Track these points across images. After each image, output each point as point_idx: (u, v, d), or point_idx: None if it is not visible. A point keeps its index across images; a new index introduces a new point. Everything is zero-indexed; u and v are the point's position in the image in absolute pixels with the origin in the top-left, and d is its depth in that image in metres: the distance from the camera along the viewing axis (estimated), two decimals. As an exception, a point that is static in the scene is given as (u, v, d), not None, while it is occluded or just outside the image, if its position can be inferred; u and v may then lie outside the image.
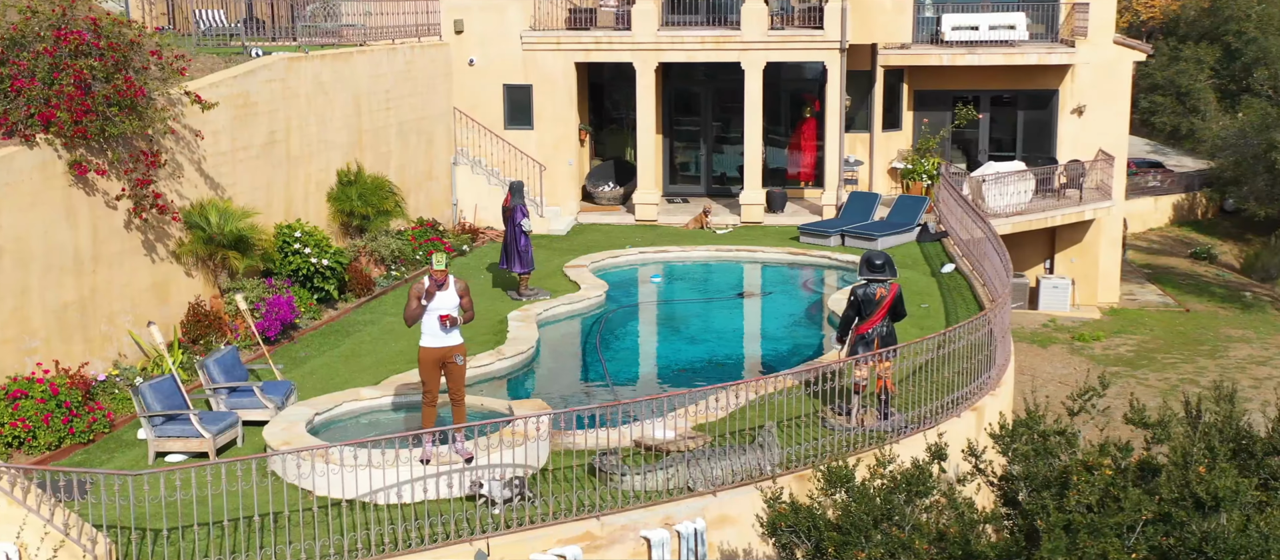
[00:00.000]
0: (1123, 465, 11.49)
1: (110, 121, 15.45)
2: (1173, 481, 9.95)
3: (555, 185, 27.61)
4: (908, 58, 32.05)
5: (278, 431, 14.00)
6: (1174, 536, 9.45)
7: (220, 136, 18.33)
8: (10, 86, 15.04)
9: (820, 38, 26.77)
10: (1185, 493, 9.67)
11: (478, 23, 27.10)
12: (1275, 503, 11.21)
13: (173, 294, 17.36)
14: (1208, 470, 10.76)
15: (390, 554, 11.74)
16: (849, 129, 32.14)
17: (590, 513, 12.66)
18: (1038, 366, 28.21)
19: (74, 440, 14.26)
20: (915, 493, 10.82)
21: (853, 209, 26.52)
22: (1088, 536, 8.89)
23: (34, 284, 14.93)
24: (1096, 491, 9.49)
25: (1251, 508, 10.31)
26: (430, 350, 13.12)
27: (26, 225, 14.77)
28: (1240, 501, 9.59)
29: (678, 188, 30.64)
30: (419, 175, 24.82)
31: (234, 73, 18.75)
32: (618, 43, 27.19)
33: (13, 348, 14.63)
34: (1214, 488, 9.52)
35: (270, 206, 19.68)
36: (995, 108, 33.69)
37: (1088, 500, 9.50)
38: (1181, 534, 9.58)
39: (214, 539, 11.83)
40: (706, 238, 26.09)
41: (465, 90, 27.23)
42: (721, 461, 13.78)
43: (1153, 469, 11.05)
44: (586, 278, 22.34)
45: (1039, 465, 11.80)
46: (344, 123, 21.86)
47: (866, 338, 15.16)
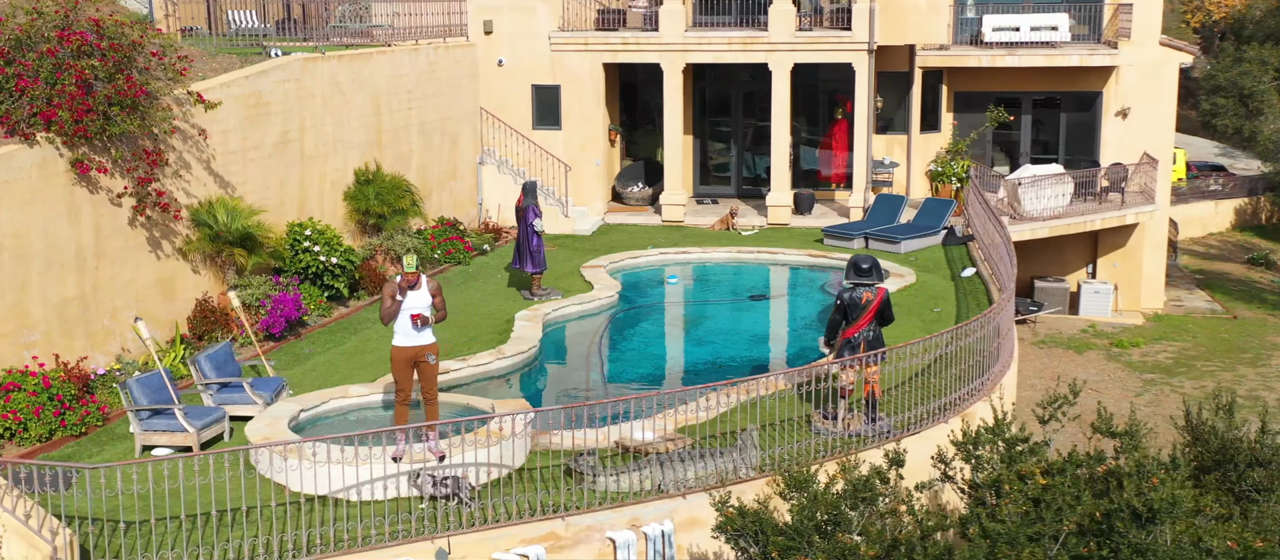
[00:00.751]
0: (1086, 474, 11.35)
1: (112, 121, 15.78)
2: (1114, 492, 9.81)
3: (582, 185, 27.72)
4: (946, 59, 31.76)
5: (260, 427, 14.23)
6: (1107, 547, 9.32)
7: (230, 135, 18.64)
8: (15, 86, 15.42)
9: (847, 39, 26.60)
10: (1122, 503, 9.53)
11: (507, 24, 27.27)
12: (1248, 515, 11.02)
13: (179, 290, 17.69)
14: (1160, 481, 10.63)
15: (350, 550, 11.88)
16: (886, 131, 31.94)
17: (555, 513, 12.72)
18: (1070, 372, 27.80)
19: (66, 433, 14.58)
20: (861, 499, 10.75)
21: (879, 211, 26.34)
22: (1006, 546, 8.79)
23: (33, 279, 15.29)
24: (1026, 501, 9.38)
25: (1195, 519, 10.14)
26: (402, 349, 13.26)
27: (26, 222, 15.14)
28: (1179, 513, 9.42)
29: (709, 189, 30.62)
30: (442, 174, 25.04)
31: (245, 73, 19.06)
32: (645, 43, 27.22)
33: (11, 341, 15.00)
34: (1150, 499, 9.37)
35: (283, 205, 19.98)
36: (1038, 110, 33.27)
37: (1020, 509, 9.39)
38: (1115, 544, 9.45)
39: (186, 532, 12.04)
40: (730, 239, 26.04)
41: (494, 90, 27.41)
42: (696, 464, 13.78)
43: (1119, 479, 10.90)
44: (601, 278, 22.40)
45: (1003, 472, 11.71)
46: (362, 122, 22.12)
47: (852, 342, 15.07)
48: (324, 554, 11.79)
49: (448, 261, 23.31)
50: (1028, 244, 31.19)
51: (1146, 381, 27.56)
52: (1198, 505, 10.70)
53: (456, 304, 21.03)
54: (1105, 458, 11.65)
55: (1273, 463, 12.97)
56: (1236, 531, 9.46)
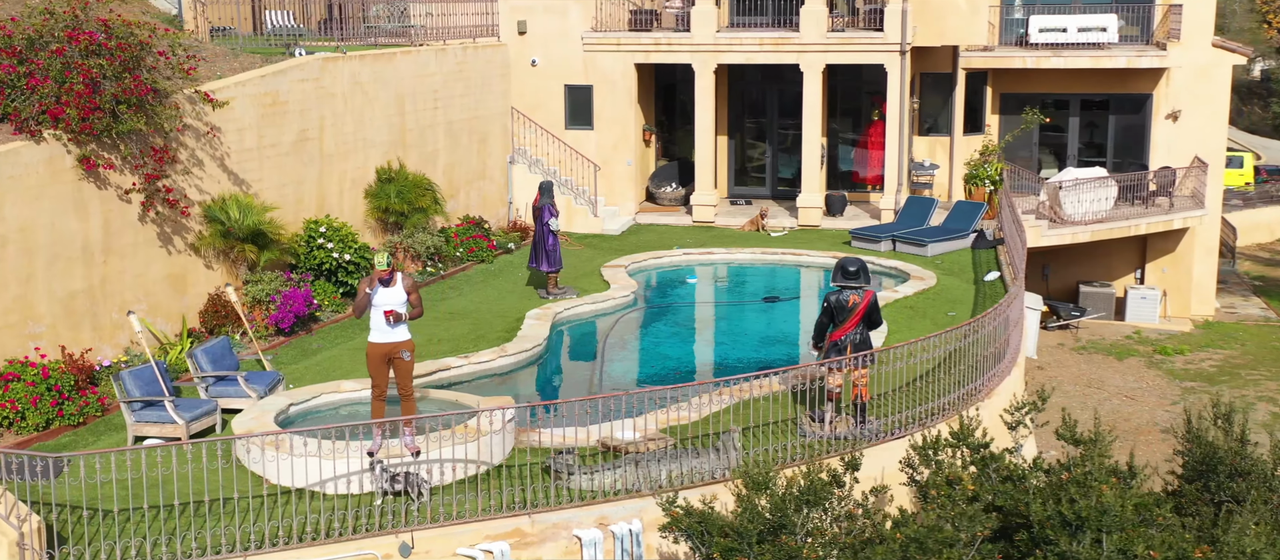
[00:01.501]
0: (1045, 482, 11.22)
1: (119, 119, 16.18)
2: (1046, 500, 9.69)
3: (614, 185, 27.83)
4: (990, 60, 31.42)
5: (247, 420, 14.50)
6: (1034, 555, 9.22)
7: (245, 133, 19.00)
8: (27, 85, 15.87)
9: (879, 40, 26.41)
10: (1052, 511, 9.42)
11: (540, 24, 27.46)
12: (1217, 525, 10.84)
13: (191, 285, 18.07)
14: (1109, 489, 10.49)
15: (312, 543, 12.08)
16: (929, 133, 31.68)
17: (521, 510, 12.82)
18: (1107, 379, 27.37)
19: (64, 423, 14.98)
20: (806, 501, 10.72)
21: (909, 214, 26.12)
22: (918, 552, 8.73)
23: (39, 272, 15.73)
24: (954, 507, 9.30)
25: (1147, 529, 9.99)
26: (377, 346, 13.44)
27: (32, 216, 15.57)
28: (1109, 522, 9.29)
29: (744, 189, 30.58)
30: (470, 173, 25.28)
31: (261, 72, 19.41)
32: (677, 44, 27.26)
33: (16, 333, 15.44)
34: (1078, 507, 9.25)
35: (300, 202, 20.32)
36: (1087, 112, 32.77)
37: (949, 515, 9.32)
38: (1045, 552, 9.34)
39: (163, 521, 12.31)
40: (758, 240, 25.99)
41: (528, 90, 27.62)
42: (671, 464, 13.81)
43: (1061, 487, 10.77)
44: (620, 278, 22.49)
45: (932, 477, 11.61)
46: (385, 121, 22.42)
47: (839, 344, 14.99)
48: (287, 546, 11.99)
49: (470, 259, 23.54)
50: (1072, 248, 30.76)
51: (1185, 389, 27.00)
52: (1150, 515, 10.54)
53: (471, 302, 21.27)
54: (1067, 467, 11.53)
55: (1252, 473, 12.69)
56: (1168, 540, 9.30)
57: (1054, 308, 30.69)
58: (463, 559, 12.54)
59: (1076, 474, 10.44)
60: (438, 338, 19.03)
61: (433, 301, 21.18)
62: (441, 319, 20.11)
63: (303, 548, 12.04)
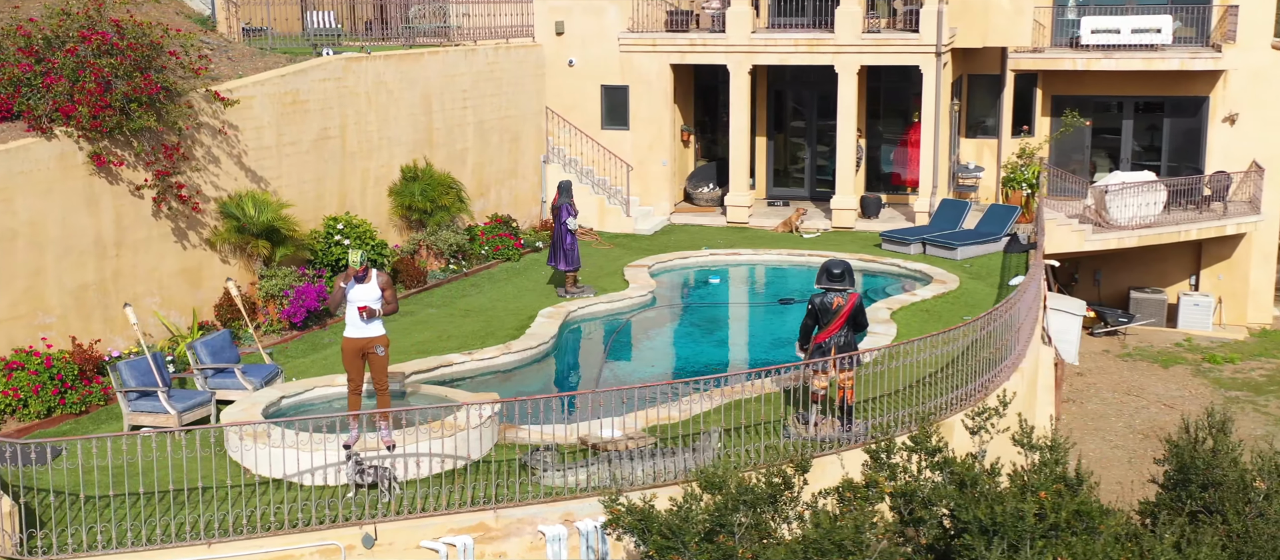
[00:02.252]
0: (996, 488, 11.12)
1: (130, 117, 16.65)
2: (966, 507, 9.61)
3: (648, 185, 27.93)
4: (1039, 62, 31.02)
5: (237, 412, 14.85)
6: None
7: (264, 131, 19.43)
8: (43, 83, 16.40)
9: (915, 41, 26.19)
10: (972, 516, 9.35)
11: (578, 24, 27.65)
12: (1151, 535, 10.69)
13: (206, 279, 18.52)
14: (1046, 495, 10.40)
15: (277, 532, 12.35)
16: (975, 135, 31.37)
17: (486, 505, 12.99)
18: (1148, 386, 26.89)
19: (65, 411, 15.47)
20: (744, 502, 10.74)
21: (942, 217, 25.88)
22: (817, 554, 8.72)
23: (49, 265, 16.25)
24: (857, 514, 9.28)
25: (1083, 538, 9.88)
26: (352, 341, 13.69)
27: (42, 210, 16.10)
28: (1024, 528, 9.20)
29: (783, 190, 30.49)
30: (501, 172, 25.55)
31: (281, 72, 19.83)
32: (712, 45, 27.29)
33: (25, 323, 15.98)
34: (994, 513, 9.18)
35: (321, 199, 20.72)
36: (1142, 115, 32.18)
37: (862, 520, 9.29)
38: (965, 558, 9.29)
39: (143, 506, 12.68)
40: (789, 242, 25.92)
41: (565, 90, 27.83)
42: (646, 463, 13.89)
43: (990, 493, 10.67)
44: (640, 278, 22.58)
45: (920, 484, 11.56)
46: (411, 120, 22.76)
47: (824, 347, 14.96)
48: (251, 536, 12.28)
49: (496, 257, 23.81)
50: (1123, 253, 30.24)
51: (1229, 398, 26.40)
52: (1092, 523, 10.41)
53: (489, 299, 21.50)
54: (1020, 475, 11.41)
55: (1223, 484, 12.44)
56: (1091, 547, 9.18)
57: (1102, 313, 30.18)
58: (426, 552, 12.74)
59: (1016, 482, 10.33)
60: (448, 334, 19.30)
61: (450, 298, 21.47)
62: (455, 316, 20.38)
63: (267, 537, 12.32)
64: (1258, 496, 12.90)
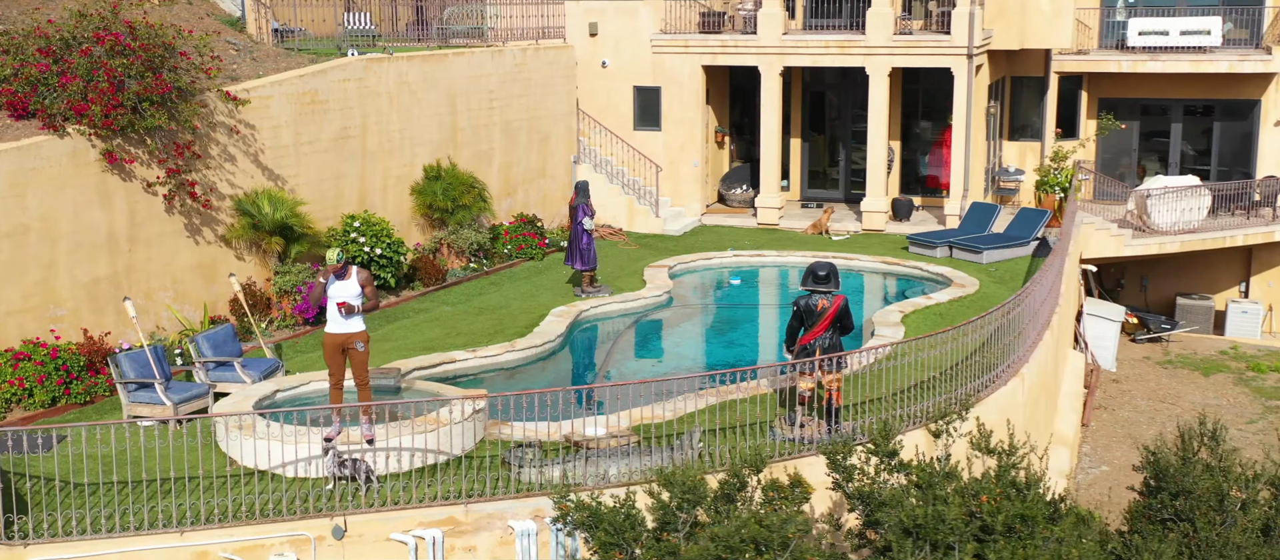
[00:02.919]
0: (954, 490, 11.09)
1: (141, 115, 17.10)
2: (893, 512, 9.61)
3: (679, 186, 28.01)
4: (1084, 64, 30.66)
5: (231, 404, 15.20)
6: None
7: (281, 130, 19.83)
8: (59, 82, 16.91)
9: (946, 43, 25.97)
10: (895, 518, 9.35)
11: (611, 26, 27.80)
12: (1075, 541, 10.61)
13: (221, 274, 18.94)
14: (988, 499, 10.37)
15: (248, 522, 12.64)
16: (1019, 137, 31.06)
17: (457, 499, 13.17)
18: (1185, 394, 26.40)
19: (70, 401, 15.93)
20: (687, 501, 10.81)
21: (971, 220, 25.64)
22: (723, 550, 8.77)
23: (61, 259, 16.74)
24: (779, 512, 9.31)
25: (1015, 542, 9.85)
26: (332, 336, 13.95)
27: (55, 206, 16.59)
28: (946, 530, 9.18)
29: (817, 192, 30.39)
30: (530, 172, 25.78)
31: (300, 72, 20.21)
32: (743, 46, 27.29)
33: (36, 316, 16.48)
34: (914, 514, 9.17)
35: (341, 197, 21.08)
36: (1192, 119, 31.62)
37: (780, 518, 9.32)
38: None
39: (130, 494, 13.05)
40: (817, 243, 25.84)
41: (598, 91, 28.00)
42: (622, 461, 13.99)
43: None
44: (659, 278, 22.67)
45: (877, 486, 11.56)
46: (435, 120, 23.06)
47: (809, 348, 14.96)
48: (221, 524, 12.58)
49: (519, 256, 24.05)
50: (1172, 259, 29.76)
51: (1268, 408, 25.85)
52: (1035, 529, 10.35)
53: (505, 298, 21.72)
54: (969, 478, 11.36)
55: (1193, 491, 12.28)
56: (1025, 550, 9.13)
57: (1145, 320, 29.69)
58: (395, 544, 12.95)
59: (957, 485, 10.30)
60: (458, 331, 19.54)
61: (468, 296, 21.73)
62: (469, 313, 20.62)
63: (238, 525, 12.61)
64: (1232, 505, 12.73)
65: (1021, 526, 10.52)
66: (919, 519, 9.02)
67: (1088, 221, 27.66)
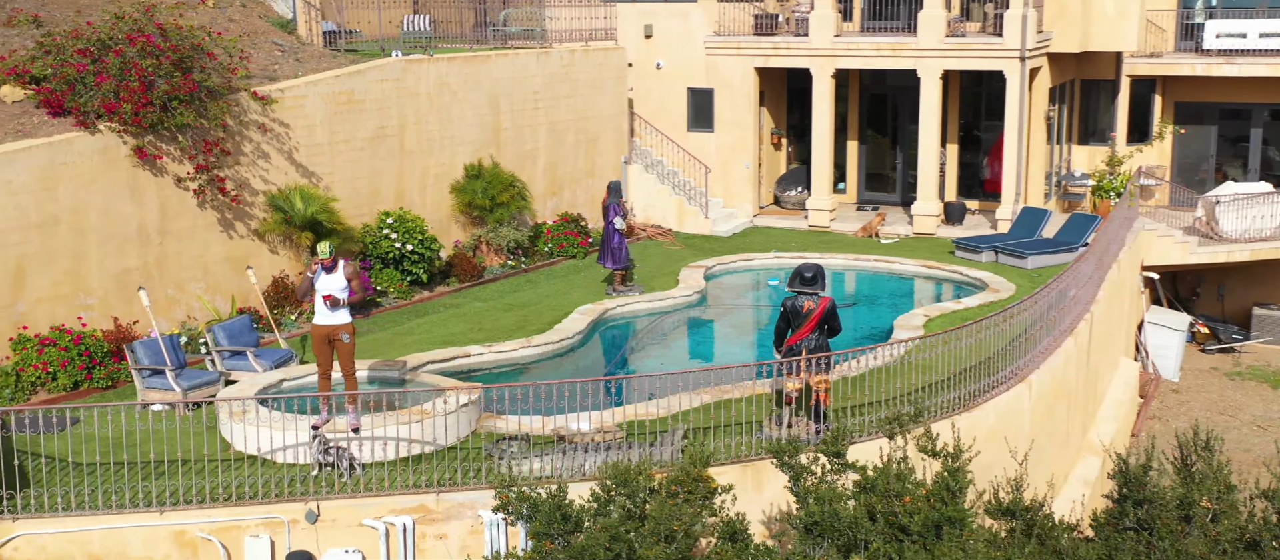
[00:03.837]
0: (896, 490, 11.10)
1: (170, 113, 17.82)
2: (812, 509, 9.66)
3: (731, 188, 28.09)
4: (1157, 67, 29.97)
5: (237, 391, 15.77)
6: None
7: (315, 129, 20.43)
8: (95, 82, 17.70)
9: (998, 45, 25.64)
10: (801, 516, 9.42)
11: (664, 28, 28.01)
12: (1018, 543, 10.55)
13: (258, 265, 19.58)
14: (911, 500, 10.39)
15: (226, 503, 13.13)
16: (1088, 141, 30.50)
17: (428, 488, 13.51)
18: (1246, 407, 25.73)
19: (92, 385, 16.67)
20: (621, 492, 10.98)
21: (1021, 224, 25.28)
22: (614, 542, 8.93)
23: (92, 250, 17.51)
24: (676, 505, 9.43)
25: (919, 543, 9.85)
26: (319, 328, 14.40)
27: (85, 199, 17.36)
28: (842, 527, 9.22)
29: (874, 195, 30.19)
30: (577, 172, 26.10)
31: (336, 73, 20.80)
32: (795, 48, 27.27)
33: (66, 303, 17.26)
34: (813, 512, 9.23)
35: (377, 194, 21.63)
36: (1277, 123, 30.67)
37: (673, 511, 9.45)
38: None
39: (127, 474, 13.67)
40: (864, 246, 25.72)
41: (652, 93, 28.24)
42: (598, 456, 14.19)
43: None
44: (693, 278, 22.80)
45: (824, 493, 11.61)
46: (476, 120, 23.51)
47: (795, 349, 15.00)
48: (200, 505, 13.10)
49: (559, 255, 24.38)
50: (1250, 268, 28.93)
51: (1317, 417, 25.06)
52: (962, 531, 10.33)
53: (537, 295, 22.04)
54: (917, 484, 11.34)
55: (1155, 501, 12.07)
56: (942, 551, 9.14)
57: (1215, 329, 28.91)
58: (367, 529, 13.34)
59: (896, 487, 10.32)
60: (482, 327, 19.93)
61: (501, 293, 22.12)
62: (497, 310, 21.00)
63: (215, 507, 13.11)
64: (1202, 515, 12.48)
65: (949, 529, 10.49)
66: (815, 516, 9.06)
67: (1150, 228, 27.06)
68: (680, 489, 9.76)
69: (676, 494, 9.68)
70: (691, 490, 9.74)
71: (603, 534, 9.09)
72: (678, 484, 9.82)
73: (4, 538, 12.71)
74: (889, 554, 9.17)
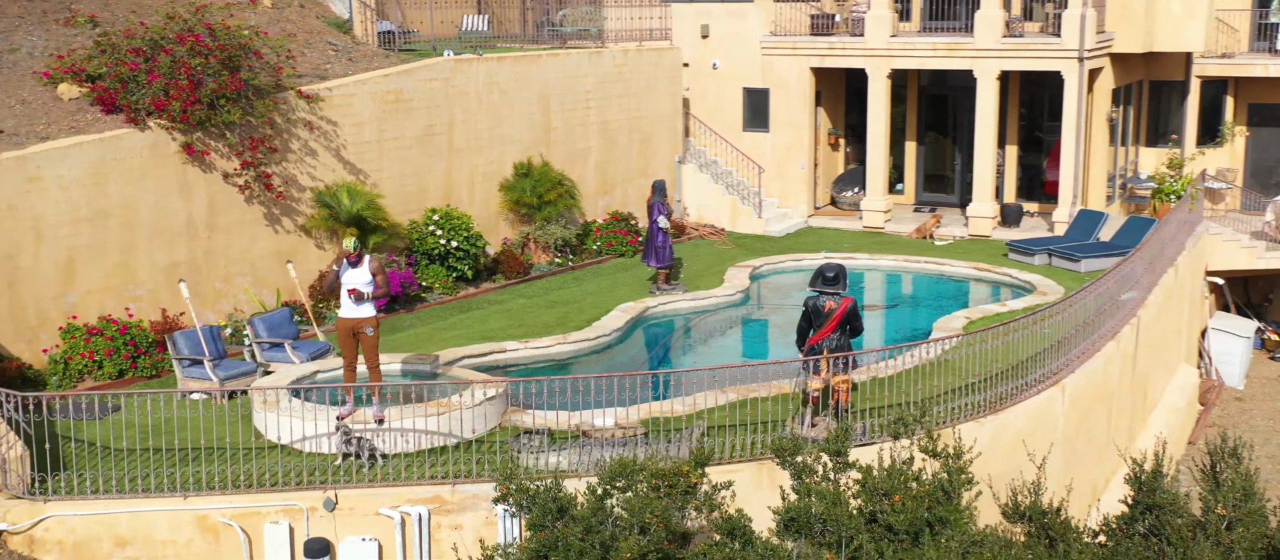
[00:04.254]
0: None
1: (217, 110, 18.30)
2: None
3: (786, 188, 28.06)
4: (1228, 68, 29.35)
5: (271, 382, 16.15)
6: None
7: (364, 127, 20.83)
8: (146, 80, 18.24)
9: (1056, 46, 25.31)
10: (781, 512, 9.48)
11: (721, 28, 28.06)
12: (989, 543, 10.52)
13: (300, 262, 20.02)
14: (901, 499, 10.42)
15: (246, 490, 13.49)
16: (1157, 144, 29.98)
17: (444, 479, 13.76)
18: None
19: (137, 374, 17.19)
20: (615, 487, 11.11)
21: (1077, 227, 24.93)
22: (585, 533, 9.07)
23: (141, 243, 18.05)
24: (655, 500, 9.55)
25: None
26: (344, 321, 14.71)
27: (135, 194, 17.90)
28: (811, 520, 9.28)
29: (932, 196, 29.93)
30: (629, 172, 26.25)
31: (384, 72, 21.18)
32: (851, 48, 27.16)
33: (116, 295, 17.82)
34: (792, 508, 9.29)
35: (425, 192, 21.99)
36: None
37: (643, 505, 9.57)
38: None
39: (153, 459, 14.11)
40: (917, 248, 25.55)
41: (708, 93, 28.31)
42: (613, 451, 14.33)
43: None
44: (738, 278, 22.84)
45: (810, 489, 11.66)
46: (526, 119, 23.78)
47: (816, 349, 15.02)
48: (223, 491, 13.47)
49: (609, 253, 24.56)
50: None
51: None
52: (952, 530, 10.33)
53: (581, 293, 22.23)
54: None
55: (1164, 507, 11.96)
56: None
57: (1288, 338, 28.29)
58: (384, 518, 13.61)
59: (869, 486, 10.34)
60: (522, 323, 20.17)
61: (546, 290, 22.35)
62: (540, 307, 21.23)
63: (237, 494, 13.48)
64: (1217, 522, 12.31)
65: (942, 527, 10.48)
66: (792, 512, 9.12)
67: (1215, 232, 26.52)
68: (661, 483, 9.86)
69: (658, 488, 9.79)
70: (672, 485, 9.84)
71: (577, 525, 9.23)
72: (659, 478, 9.93)
73: (36, 518, 13.17)
74: (872, 552, 9.18)
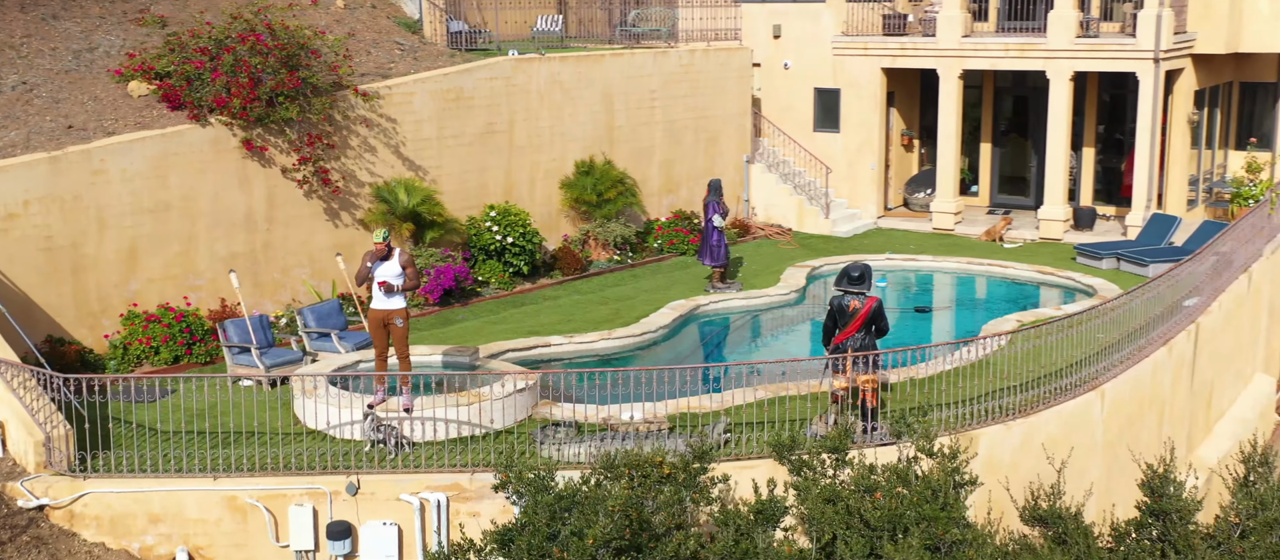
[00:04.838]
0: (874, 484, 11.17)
1: (275, 107, 18.91)
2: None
3: (856, 188, 27.95)
4: (1322, 69, 28.49)
5: (306, 370, 16.66)
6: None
7: (423, 124, 21.31)
8: (210, 78, 18.93)
9: (1131, 47, 24.84)
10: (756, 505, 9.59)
11: (793, 28, 28.06)
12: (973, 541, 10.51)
13: (357, 255, 20.56)
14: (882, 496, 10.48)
15: (273, 473, 13.97)
16: (1245, 146, 29.24)
17: (463, 468, 14.08)
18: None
19: (191, 360, 17.84)
20: (615, 478, 11.31)
21: (1149, 231, 24.43)
22: (525, 540, 9.28)
23: (201, 234, 18.72)
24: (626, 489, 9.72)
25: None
26: (376, 312, 15.12)
27: (195, 187, 18.58)
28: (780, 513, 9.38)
29: (1007, 198, 29.53)
30: (695, 171, 26.39)
31: (444, 71, 21.64)
32: (922, 49, 26.96)
33: (176, 284, 18.51)
34: (763, 501, 9.42)
35: (485, 189, 22.40)
36: None
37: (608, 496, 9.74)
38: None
39: (193, 442, 14.70)
40: (984, 250, 25.28)
41: (779, 93, 28.33)
42: (630, 445, 14.51)
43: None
44: (795, 278, 22.86)
45: (817, 481, 11.75)
46: (589, 117, 24.07)
47: (841, 348, 15.04)
48: (251, 473, 13.97)
49: (670, 251, 24.74)
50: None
51: None
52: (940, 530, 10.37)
53: (636, 290, 22.45)
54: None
55: (1169, 514, 11.81)
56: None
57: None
58: (404, 504, 13.99)
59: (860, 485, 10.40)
60: (573, 318, 20.46)
61: (602, 286, 22.62)
62: (592, 303, 21.51)
63: (264, 476, 13.96)
64: (1229, 530, 12.11)
65: (925, 526, 10.48)
66: (761, 505, 9.23)
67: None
68: (634, 473, 10.04)
69: (631, 478, 9.97)
70: (646, 475, 10.00)
71: (543, 511, 9.45)
72: (632, 468, 10.10)
73: (75, 495, 13.80)
74: (842, 545, 9.25)
